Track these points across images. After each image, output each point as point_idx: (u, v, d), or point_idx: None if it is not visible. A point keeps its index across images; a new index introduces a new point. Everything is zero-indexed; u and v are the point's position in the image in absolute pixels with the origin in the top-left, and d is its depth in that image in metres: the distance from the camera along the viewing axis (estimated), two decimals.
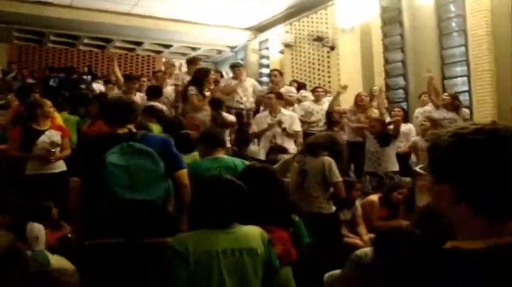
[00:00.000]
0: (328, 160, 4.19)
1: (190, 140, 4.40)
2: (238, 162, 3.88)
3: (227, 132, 6.35)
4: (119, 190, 2.59)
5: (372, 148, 6.09)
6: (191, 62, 8.08)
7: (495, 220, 1.00)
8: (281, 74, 8.23)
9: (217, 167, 3.74)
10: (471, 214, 1.01)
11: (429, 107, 7.07)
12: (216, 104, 6.30)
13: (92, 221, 2.73)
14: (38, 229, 3.68)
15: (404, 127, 6.93)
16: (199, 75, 6.87)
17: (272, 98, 6.48)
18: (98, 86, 10.31)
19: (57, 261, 2.81)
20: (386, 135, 6.04)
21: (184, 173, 2.89)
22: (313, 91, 8.21)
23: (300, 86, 8.95)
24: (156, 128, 5.43)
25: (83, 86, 9.61)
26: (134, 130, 2.94)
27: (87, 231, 2.76)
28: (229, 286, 2.19)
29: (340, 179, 4.22)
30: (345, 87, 7.30)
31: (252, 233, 2.35)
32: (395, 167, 6.02)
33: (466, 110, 7.33)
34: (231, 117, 6.47)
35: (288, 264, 2.83)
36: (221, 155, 3.93)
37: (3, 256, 1.89)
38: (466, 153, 1.02)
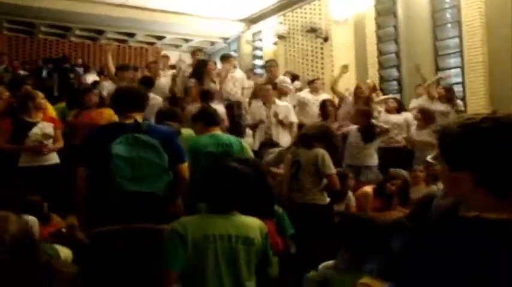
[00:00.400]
0: (321, 151, 4.19)
1: None
2: (234, 140, 3.99)
3: None
4: (124, 182, 2.65)
5: (353, 142, 5.88)
6: (192, 54, 8.11)
7: (509, 200, 1.07)
8: (277, 64, 8.21)
9: (215, 143, 3.82)
10: (489, 197, 1.08)
11: (423, 100, 7.05)
12: (205, 96, 6.27)
13: (97, 209, 2.78)
14: (32, 222, 3.64)
15: (400, 117, 6.73)
16: (199, 67, 6.88)
17: (269, 89, 6.44)
18: (93, 77, 10.26)
19: (64, 253, 2.79)
20: (371, 131, 5.84)
21: (185, 166, 2.93)
22: (310, 83, 8.14)
23: (294, 78, 8.91)
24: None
25: (71, 75, 9.54)
26: (140, 120, 2.93)
27: (93, 219, 2.81)
28: (224, 270, 2.21)
29: (333, 171, 4.22)
30: (346, 66, 7.30)
31: (252, 223, 2.36)
32: (375, 161, 5.84)
33: (460, 102, 7.32)
34: (221, 110, 6.43)
35: (275, 254, 2.84)
36: (217, 132, 4.00)
37: (21, 243, 1.78)
38: (474, 141, 1.09)
